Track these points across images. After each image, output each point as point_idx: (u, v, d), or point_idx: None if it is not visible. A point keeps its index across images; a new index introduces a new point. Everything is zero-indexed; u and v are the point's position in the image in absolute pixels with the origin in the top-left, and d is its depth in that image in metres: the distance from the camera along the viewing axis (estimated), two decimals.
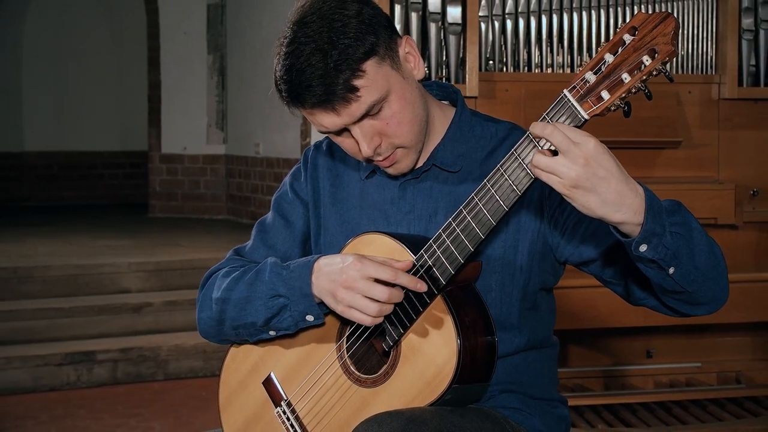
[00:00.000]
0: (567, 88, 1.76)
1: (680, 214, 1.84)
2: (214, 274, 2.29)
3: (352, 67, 1.90)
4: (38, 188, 12.94)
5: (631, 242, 1.78)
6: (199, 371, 6.42)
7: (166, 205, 11.23)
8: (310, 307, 2.06)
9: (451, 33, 4.41)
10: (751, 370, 4.75)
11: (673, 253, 1.80)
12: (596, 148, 1.70)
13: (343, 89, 1.90)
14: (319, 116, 1.96)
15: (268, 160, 9.93)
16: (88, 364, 6.20)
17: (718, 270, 1.91)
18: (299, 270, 2.07)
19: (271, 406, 2.19)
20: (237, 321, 2.17)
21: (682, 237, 1.82)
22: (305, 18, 1.94)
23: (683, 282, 1.85)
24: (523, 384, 2.15)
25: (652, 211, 1.76)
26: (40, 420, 5.48)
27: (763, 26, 4.64)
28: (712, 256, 1.89)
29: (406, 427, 1.84)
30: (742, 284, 4.25)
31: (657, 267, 1.82)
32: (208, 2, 10.98)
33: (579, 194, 1.72)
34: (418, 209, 2.13)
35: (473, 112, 2.21)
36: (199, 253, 7.86)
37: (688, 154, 4.62)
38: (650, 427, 4.26)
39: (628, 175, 1.75)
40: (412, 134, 2.02)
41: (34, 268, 7.03)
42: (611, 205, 1.73)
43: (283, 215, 2.32)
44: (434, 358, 1.93)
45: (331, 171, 2.27)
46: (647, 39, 1.71)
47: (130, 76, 12.92)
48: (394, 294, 1.94)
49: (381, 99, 1.95)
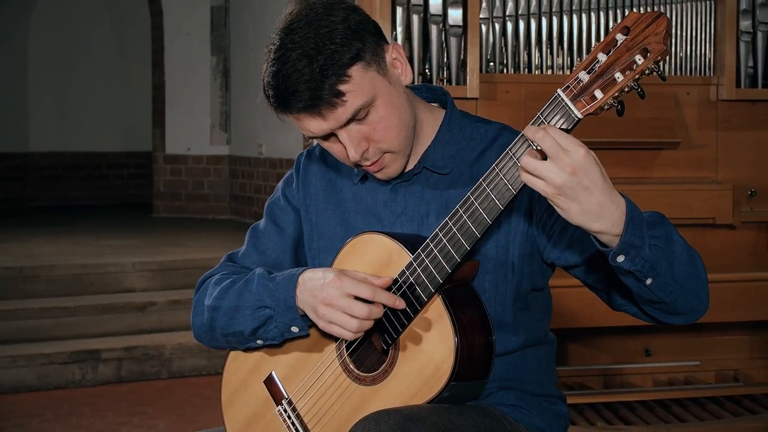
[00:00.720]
0: (561, 88, 1.76)
1: (661, 227, 1.86)
2: (207, 280, 2.31)
3: (338, 72, 1.91)
4: (43, 188, 12.95)
5: (609, 252, 1.80)
6: (202, 369, 6.43)
7: (170, 205, 11.24)
8: (294, 319, 2.08)
9: (452, 35, 4.41)
10: (749, 368, 4.75)
11: (651, 265, 1.82)
12: (585, 158, 1.71)
13: (329, 94, 1.91)
14: (306, 121, 1.97)
15: (271, 161, 9.94)
16: (92, 362, 6.21)
17: (697, 282, 1.93)
18: (284, 282, 2.08)
19: (273, 405, 2.19)
20: (226, 329, 2.19)
21: (661, 250, 1.83)
22: (292, 24, 1.95)
23: (660, 293, 1.87)
24: (521, 381, 2.15)
25: (632, 223, 1.77)
26: (45, 418, 5.49)
27: (761, 28, 4.64)
28: (692, 268, 1.91)
29: (403, 424, 1.84)
30: (739, 284, 4.26)
31: (634, 277, 1.84)
32: (211, 4, 10.99)
33: (561, 200, 1.74)
34: (410, 211, 2.14)
35: (463, 114, 2.21)
36: (202, 253, 7.87)
37: (686, 155, 4.62)
38: (649, 425, 4.26)
39: (612, 187, 1.76)
40: (399, 139, 2.02)
41: (40, 267, 7.04)
42: (590, 215, 1.75)
43: (275, 221, 2.33)
44: (432, 356, 1.94)
45: (324, 176, 2.28)
46: (639, 38, 1.71)
47: (135, 77, 12.94)
48: (373, 310, 1.95)
49: (367, 104, 1.95)
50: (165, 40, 11.17)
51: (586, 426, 4.24)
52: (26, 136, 12.81)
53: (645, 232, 1.80)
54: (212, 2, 11.00)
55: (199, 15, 11.02)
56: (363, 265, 2.05)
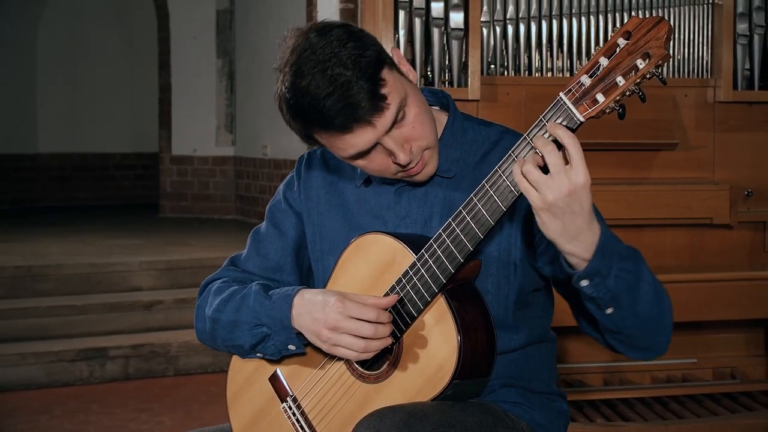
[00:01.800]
0: (563, 91, 1.76)
1: (632, 261, 1.88)
2: (209, 286, 2.31)
3: (375, 78, 1.88)
4: (52, 189, 12.95)
5: (574, 274, 1.83)
6: (208, 367, 6.43)
7: (177, 205, 11.25)
8: (290, 338, 2.08)
9: (453, 38, 4.41)
10: (745, 365, 4.74)
11: (613, 296, 1.84)
12: (585, 186, 1.73)
13: (377, 99, 1.88)
14: (351, 138, 1.92)
15: (276, 162, 9.94)
16: (100, 360, 6.22)
17: (660, 322, 1.96)
18: (280, 302, 2.08)
19: (277, 402, 2.19)
20: (227, 342, 2.20)
21: (626, 283, 1.85)
22: (305, 53, 1.91)
23: (619, 324, 1.90)
24: (523, 378, 2.16)
25: (602, 252, 1.80)
26: (53, 414, 5.49)
27: (757, 31, 4.64)
28: (657, 308, 1.93)
29: (407, 420, 1.84)
30: (736, 282, 4.25)
31: (595, 304, 1.87)
32: (217, 8, 11.00)
33: (546, 216, 1.76)
34: (413, 214, 2.13)
35: (465, 116, 2.20)
36: (208, 252, 7.87)
37: (684, 156, 4.62)
38: (647, 421, 4.26)
39: (594, 216, 1.79)
40: (432, 133, 2.02)
41: (48, 266, 7.04)
42: (566, 236, 1.78)
43: (276, 225, 2.32)
44: (435, 354, 1.94)
45: (326, 179, 2.27)
46: (641, 43, 1.71)
47: (141, 79, 12.94)
48: (379, 329, 1.95)
49: (402, 104, 1.94)
50: (171, 43, 11.18)
51: (586, 422, 4.24)
52: (35, 137, 12.82)
53: (614, 263, 1.83)
54: (218, 6, 11.00)
55: (205, 18, 11.02)
56: (367, 265, 2.05)
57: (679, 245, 4.61)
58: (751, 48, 4.66)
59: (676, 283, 4.20)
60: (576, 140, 1.73)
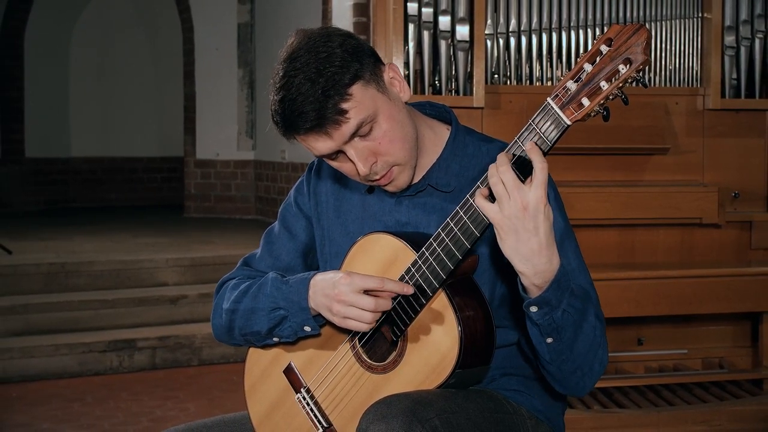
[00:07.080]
0: (550, 96, 1.76)
1: (582, 301, 1.89)
2: (225, 284, 2.32)
3: (340, 92, 1.89)
4: (84, 191, 12.97)
5: (526, 299, 1.84)
6: (230, 357, 6.45)
7: (200, 206, 11.27)
8: (307, 320, 2.08)
9: (459, 49, 4.41)
10: (732, 356, 4.74)
11: (557, 328, 1.86)
12: (538, 203, 1.74)
13: (333, 113, 1.89)
14: (313, 141, 1.95)
15: (293, 165, 9.95)
16: (129, 351, 6.23)
17: (591, 367, 1.96)
18: (297, 285, 2.09)
19: (292, 393, 2.19)
20: (244, 329, 2.20)
21: (572, 319, 1.87)
22: (294, 54, 1.94)
23: (554, 354, 1.91)
24: (522, 367, 2.15)
25: (557, 284, 1.81)
26: (85, 402, 5.51)
27: (744, 43, 4.64)
28: (591, 353, 1.94)
29: (413, 407, 1.84)
30: (724, 278, 4.25)
31: (539, 330, 1.88)
32: (238, 21, 11.01)
33: (502, 230, 1.79)
34: (413, 222, 2.13)
35: (467, 131, 2.19)
36: (230, 250, 7.89)
37: (675, 160, 4.62)
38: (641, 408, 4.26)
39: (554, 248, 1.79)
40: (404, 151, 2.01)
41: (81, 263, 7.06)
42: (520, 255, 1.79)
43: (288, 227, 2.33)
44: (438, 346, 1.94)
45: (334, 186, 2.27)
46: (622, 49, 1.70)
47: (168, 88, 12.95)
48: (380, 302, 1.96)
49: (370, 119, 1.93)
50: (195, 55, 11.20)
51: (583, 409, 4.23)
52: (68, 142, 12.84)
53: (566, 298, 1.84)
54: (239, 19, 11.01)
55: (227, 31, 11.04)
56: (371, 263, 2.05)
57: (671, 243, 4.61)
58: (738, 59, 4.66)
59: (667, 279, 4.20)
60: (544, 164, 1.74)
